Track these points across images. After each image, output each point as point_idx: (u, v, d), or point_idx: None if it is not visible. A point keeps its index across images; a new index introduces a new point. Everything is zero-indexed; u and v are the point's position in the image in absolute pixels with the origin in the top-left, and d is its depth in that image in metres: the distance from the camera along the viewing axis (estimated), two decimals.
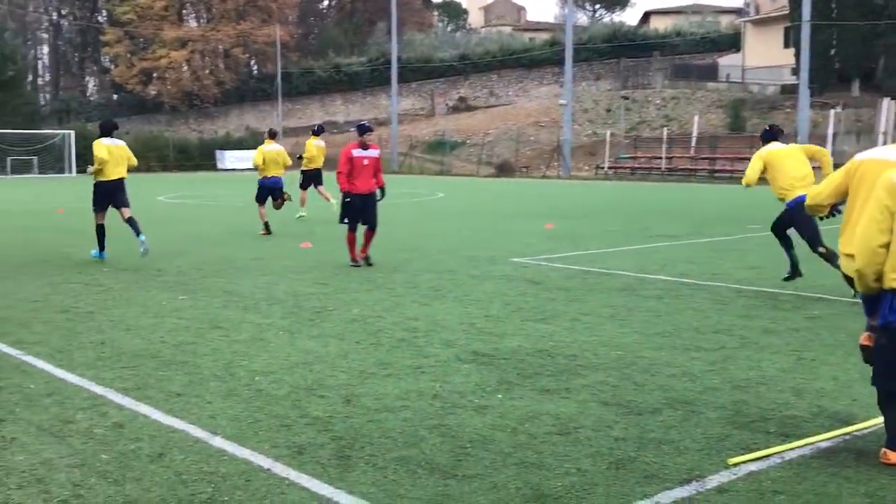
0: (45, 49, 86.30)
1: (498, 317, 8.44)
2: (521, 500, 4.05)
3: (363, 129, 12.33)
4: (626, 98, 60.96)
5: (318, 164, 20.46)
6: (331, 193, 18.92)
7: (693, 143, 50.59)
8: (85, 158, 51.59)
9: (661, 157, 49.31)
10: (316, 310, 8.84)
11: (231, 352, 7.01)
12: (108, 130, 12.77)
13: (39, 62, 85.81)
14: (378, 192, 12.37)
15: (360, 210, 12.16)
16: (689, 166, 48.35)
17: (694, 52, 70.14)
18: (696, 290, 10.12)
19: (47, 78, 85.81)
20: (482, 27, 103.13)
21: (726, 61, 64.31)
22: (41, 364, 6.60)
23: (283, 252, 13.67)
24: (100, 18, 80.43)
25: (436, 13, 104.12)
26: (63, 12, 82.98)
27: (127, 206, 12.76)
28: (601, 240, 15.64)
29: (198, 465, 4.51)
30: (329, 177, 17.63)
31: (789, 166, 9.71)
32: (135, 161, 13.04)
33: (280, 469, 4.46)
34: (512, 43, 78.09)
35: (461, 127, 65.34)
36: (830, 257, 9.28)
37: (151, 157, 58.68)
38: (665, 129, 53.21)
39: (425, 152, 60.72)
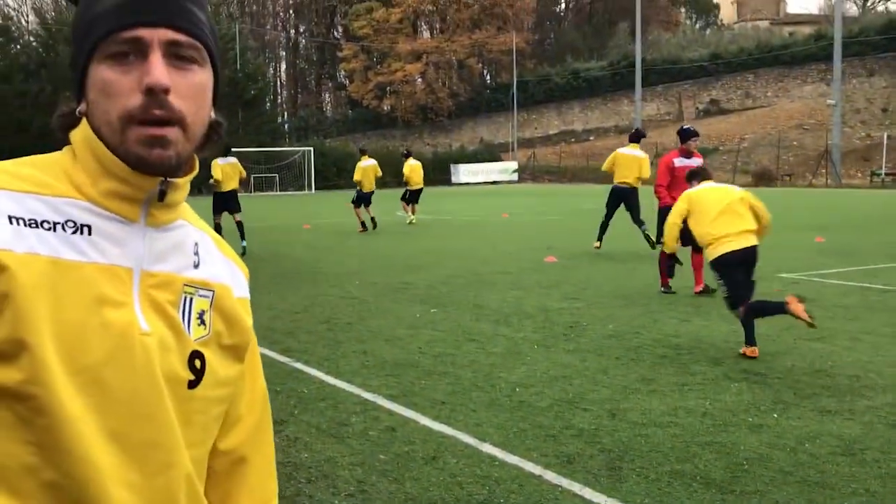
0: (283, 66, 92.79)
1: (768, 335, 8.40)
2: None
3: (687, 135, 11.24)
4: None
5: (418, 183, 23.99)
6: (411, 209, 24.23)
7: None
8: (323, 175, 55.27)
9: None
10: (569, 324, 9.17)
11: (488, 363, 7.46)
12: (224, 151, 16.69)
13: (278, 80, 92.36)
14: None
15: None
16: None
17: None
18: None
19: (285, 96, 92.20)
20: (735, 23, 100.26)
21: None
22: (311, 371, 7.34)
23: (528, 266, 14.12)
24: (336, 34, 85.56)
25: (683, 10, 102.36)
26: (301, 29, 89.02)
27: (238, 211, 16.77)
28: (880, 254, 14.96)
29: (470, 469, 4.94)
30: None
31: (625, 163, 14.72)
32: (244, 174, 17.06)
33: (551, 476, 4.80)
34: (770, 38, 75.45)
35: (713, 132, 63.88)
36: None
37: (386, 173, 61.48)
38: None
39: None
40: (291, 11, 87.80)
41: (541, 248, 16.78)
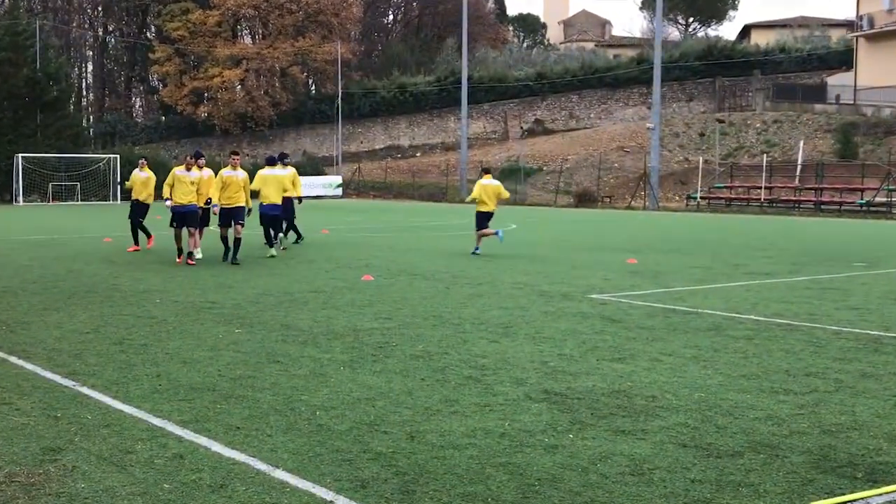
0: (90, 67, 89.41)
1: (572, 356, 8.75)
2: None
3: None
4: (721, 121, 60.81)
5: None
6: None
7: (797, 172, 50.27)
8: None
9: (760, 187, 49.07)
10: (378, 345, 9.25)
11: (290, 386, 7.44)
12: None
13: (83, 82, 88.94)
14: None
15: None
16: (792, 197, 48.02)
17: (799, 71, 69.83)
18: (790, 331, 10.30)
19: (91, 98, 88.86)
20: (562, 43, 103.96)
21: (836, 81, 63.87)
22: (97, 395, 7.11)
23: (343, 285, 14.15)
24: (148, 35, 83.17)
25: (511, 28, 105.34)
26: (109, 28, 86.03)
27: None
28: (689, 277, 15.82)
29: (259, 497, 4.92)
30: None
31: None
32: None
33: (342, 502, 4.84)
34: (594, 60, 78.64)
35: (537, 152, 65.88)
36: None
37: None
38: (766, 155, 52.98)
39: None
40: (100, 8, 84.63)
41: (359, 266, 16.85)
